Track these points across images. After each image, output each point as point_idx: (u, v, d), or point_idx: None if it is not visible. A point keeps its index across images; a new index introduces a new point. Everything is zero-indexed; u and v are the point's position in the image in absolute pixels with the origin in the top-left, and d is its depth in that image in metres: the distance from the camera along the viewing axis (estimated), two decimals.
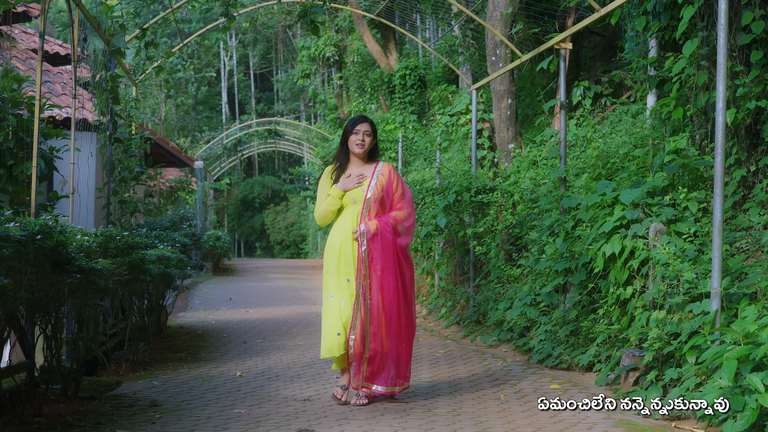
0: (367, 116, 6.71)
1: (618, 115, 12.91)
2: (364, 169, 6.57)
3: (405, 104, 21.55)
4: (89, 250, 5.63)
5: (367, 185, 6.49)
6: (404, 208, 6.59)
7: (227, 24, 6.56)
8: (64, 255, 5.11)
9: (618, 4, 7.64)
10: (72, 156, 7.32)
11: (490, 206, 11.23)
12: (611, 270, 6.91)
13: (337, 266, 6.40)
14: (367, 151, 6.56)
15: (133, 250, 6.60)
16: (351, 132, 6.52)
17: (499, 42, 12.15)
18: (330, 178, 6.58)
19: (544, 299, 8.61)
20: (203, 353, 9.47)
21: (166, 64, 25.15)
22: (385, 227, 6.42)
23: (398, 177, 6.63)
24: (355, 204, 6.48)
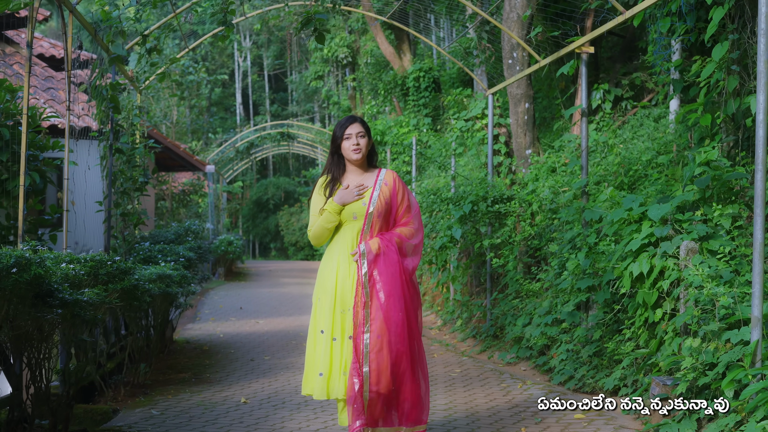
0: (356, 115, 5.70)
1: (639, 119, 12.45)
2: (365, 179, 5.62)
3: (419, 107, 21.11)
4: (75, 279, 5.16)
5: (368, 197, 5.53)
6: (410, 223, 5.65)
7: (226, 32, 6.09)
8: (46, 287, 4.69)
9: (644, 6, 7.17)
10: (66, 171, 6.92)
11: (507, 216, 10.79)
12: (639, 290, 6.46)
13: (333, 295, 5.41)
14: (365, 155, 5.61)
15: (125, 275, 6.11)
16: (342, 137, 5.56)
17: (515, 44, 11.71)
18: (323, 193, 5.58)
19: (565, 318, 8.16)
20: (208, 373, 9.06)
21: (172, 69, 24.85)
22: (389, 246, 5.46)
23: (404, 187, 5.70)
24: (355, 220, 5.53)
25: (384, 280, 5.40)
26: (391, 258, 5.44)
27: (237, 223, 44.02)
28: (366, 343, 5.32)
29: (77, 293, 5.01)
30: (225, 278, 25.45)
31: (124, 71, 9.84)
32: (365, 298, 5.39)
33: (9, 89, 7.57)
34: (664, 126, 11.36)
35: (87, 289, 5.13)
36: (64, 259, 5.55)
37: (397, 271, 5.44)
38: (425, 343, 11.25)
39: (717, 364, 5.44)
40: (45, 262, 4.50)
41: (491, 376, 8.62)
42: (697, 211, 6.52)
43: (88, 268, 5.63)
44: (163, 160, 23.58)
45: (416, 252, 5.67)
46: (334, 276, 5.46)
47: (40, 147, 7.90)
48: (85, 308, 4.94)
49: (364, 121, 5.63)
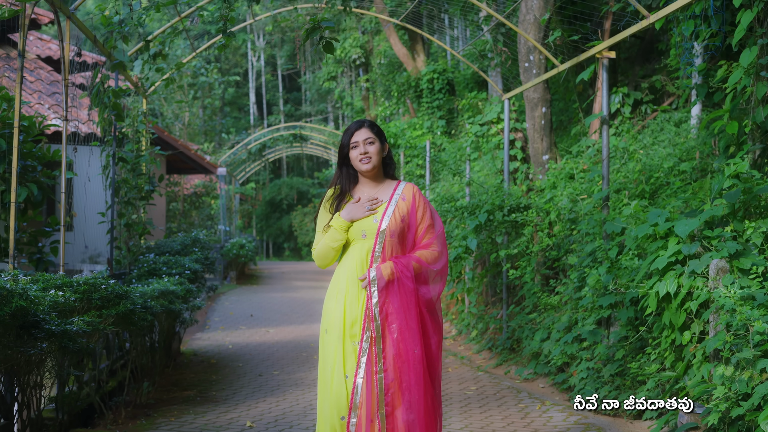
0: (365, 119, 5.03)
1: (659, 123, 12.09)
2: (379, 192, 4.87)
3: (433, 109, 20.78)
4: (66, 306, 4.80)
5: (381, 213, 4.76)
6: (432, 245, 4.82)
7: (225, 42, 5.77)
8: (32, 317, 4.35)
9: (669, 11, 6.81)
10: (63, 182, 6.60)
11: (524, 226, 10.44)
12: (665, 311, 6.10)
13: (342, 325, 4.69)
14: (378, 165, 4.85)
15: (121, 299, 5.76)
16: (349, 146, 4.84)
17: (532, 47, 11.37)
18: (329, 208, 4.88)
19: (587, 337, 7.81)
20: (214, 390, 8.74)
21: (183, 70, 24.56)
22: (404, 272, 4.68)
23: (425, 203, 4.88)
24: (364, 239, 4.76)
25: (397, 311, 4.64)
26: (405, 286, 4.67)
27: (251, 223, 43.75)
28: (381, 386, 4.57)
29: (66, 322, 4.67)
30: (237, 282, 25.16)
31: (128, 77, 9.55)
32: (375, 332, 4.63)
33: (6, 98, 7.29)
34: (686, 131, 11.01)
35: (77, 318, 4.78)
36: (56, 282, 5.23)
37: (413, 302, 4.68)
38: None
39: (752, 395, 5.09)
40: (28, 293, 4.16)
41: (508, 395, 8.28)
42: (727, 226, 6.15)
43: (80, 293, 5.29)
44: (175, 163, 23.35)
45: (438, 279, 4.85)
46: (342, 304, 4.72)
47: (39, 157, 7.61)
48: (74, 339, 4.59)
49: (374, 124, 4.90)
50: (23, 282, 4.19)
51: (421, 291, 4.75)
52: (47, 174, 7.57)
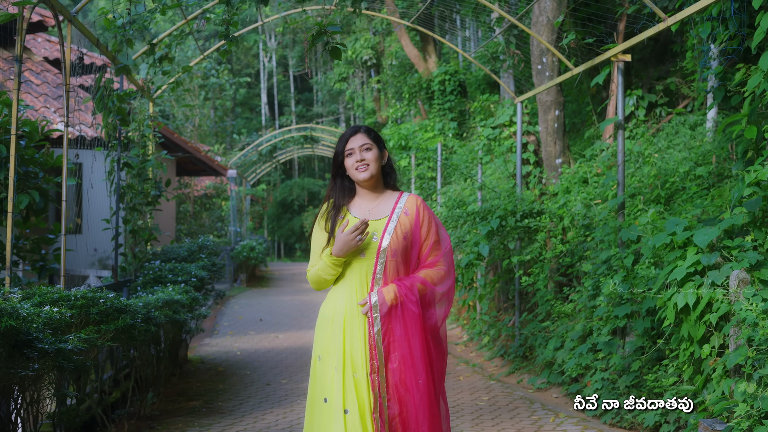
0: (360, 125, 4.49)
1: (674, 126, 11.87)
2: (379, 205, 4.43)
3: (444, 111, 20.58)
4: (61, 322, 4.61)
5: (381, 230, 4.31)
6: (439, 263, 4.38)
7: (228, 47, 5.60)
8: (24, 336, 4.16)
9: (688, 14, 6.60)
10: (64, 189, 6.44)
11: (537, 232, 10.24)
12: (684, 323, 5.90)
13: (342, 355, 4.22)
14: (377, 174, 4.40)
15: (120, 314, 5.57)
16: (343, 154, 4.39)
17: (545, 49, 11.17)
18: (324, 225, 4.41)
19: (602, 348, 7.61)
20: (221, 401, 8.57)
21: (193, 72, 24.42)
22: (409, 296, 4.23)
23: (430, 217, 4.43)
24: (363, 258, 4.31)
25: (401, 339, 4.21)
26: (410, 312, 4.22)
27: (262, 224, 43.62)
28: (385, 417, 4.19)
29: (61, 340, 4.48)
30: (247, 284, 25.00)
31: (133, 80, 9.39)
32: (378, 361, 4.20)
33: (6, 102, 7.13)
34: (701, 134, 10.80)
35: (72, 335, 4.59)
36: (52, 296, 5.05)
37: (418, 328, 4.23)
38: (450, 363, 10.74)
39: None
40: (20, 311, 3.98)
41: (521, 406, 8.09)
42: (747, 236, 5.95)
43: (78, 308, 5.11)
44: (185, 165, 23.27)
45: (444, 302, 4.41)
46: (341, 331, 4.26)
47: (41, 164, 7.46)
48: (68, 358, 4.40)
49: (371, 129, 4.45)
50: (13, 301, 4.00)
51: (427, 315, 4.32)
52: (49, 180, 7.40)
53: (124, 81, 9.04)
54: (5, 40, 13.31)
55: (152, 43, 8.38)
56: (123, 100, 8.20)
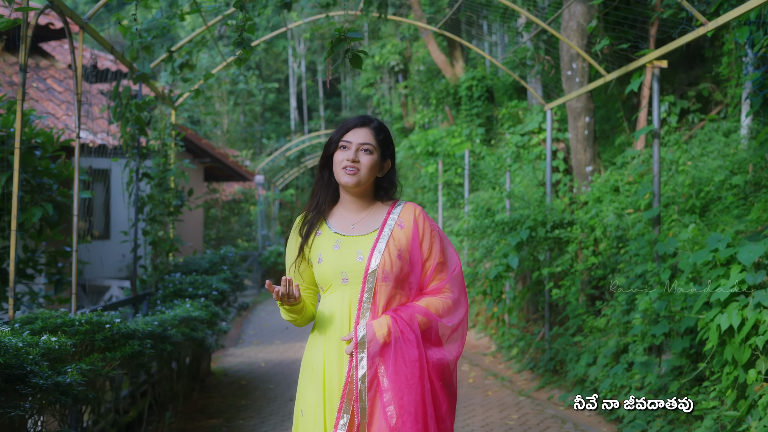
0: (371, 116, 3.56)
1: (707, 133, 11.53)
2: (366, 217, 3.55)
3: (471, 117, 20.28)
4: (61, 352, 4.32)
5: (370, 247, 3.43)
6: (445, 289, 3.48)
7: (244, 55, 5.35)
8: (16, 371, 3.85)
9: (731, 17, 6.26)
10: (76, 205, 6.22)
11: (568, 243, 9.93)
12: (727, 345, 5.58)
13: (323, 411, 3.37)
14: (367, 184, 3.52)
15: (128, 340, 5.28)
16: (337, 144, 3.51)
17: (575, 55, 10.87)
18: (299, 234, 3.57)
19: (638, 370, 7.29)
20: (242, 418, 8.31)
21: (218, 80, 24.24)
22: (406, 331, 3.31)
23: (433, 229, 3.53)
24: (345, 284, 3.43)
25: (396, 387, 3.26)
26: (407, 353, 3.29)
27: None
28: None
29: (60, 371, 4.18)
30: None
31: (154, 88, 9.18)
32: (360, 417, 3.29)
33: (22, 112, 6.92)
34: (736, 142, 10.46)
35: (72, 366, 4.29)
36: (55, 321, 4.78)
37: (417, 374, 3.28)
38: (478, 375, 10.46)
39: None
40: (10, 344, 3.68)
41: (553, 426, 7.78)
42: None
43: (81, 335, 4.83)
44: (212, 170, 23.18)
45: (457, 337, 3.48)
46: (320, 381, 3.39)
47: (56, 175, 7.25)
48: (67, 392, 4.12)
49: (384, 128, 3.56)
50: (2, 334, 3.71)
51: (432, 356, 3.38)
52: (65, 193, 7.20)
53: (143, 88, 8.82)
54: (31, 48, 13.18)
55: (171, 51, 8.16)
56: (141, 109, 7.98)
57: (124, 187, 8.50)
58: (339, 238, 3.48)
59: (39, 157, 7.14)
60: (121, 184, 8.94)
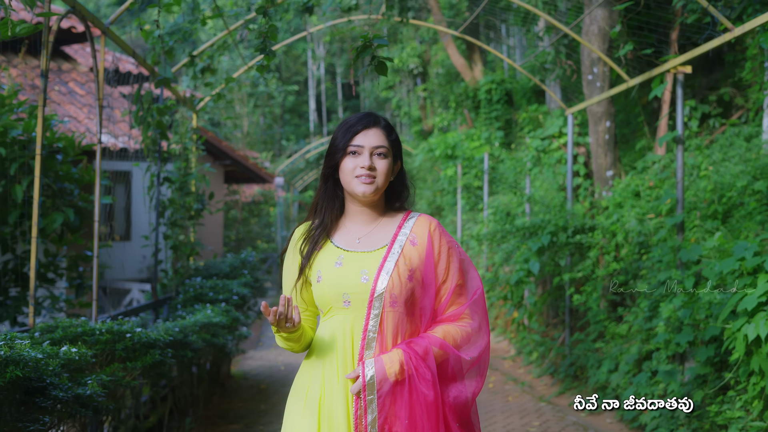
0: (380, 115, 3.16)
1: (728, 138, 11.44)
2: (374, 230, 3.12)
3: (491, 120, 20.23)
4: (81, 363, 4.29)
5: (377, 267, 3.00)
6: (463, 316, 3.05)
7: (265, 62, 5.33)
8: (35, 383, 3.83)
9: (760, 23, 6.20)
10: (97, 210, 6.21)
11: (589, 248, 9.87)
12: (754, 355, 5.53)
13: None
14: (382, 190, 3.10)
15: (149, 349, 5.24)
16: (345, 150, 3.07)
17: (596, 59, 10.81)
18: (299, 251, 3.14)
19: (662, 378, 7.23)
20: (262, 423, 8.28)
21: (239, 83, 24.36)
22: (421, 368, 2.90)
23: (450, 247, 3.11)
24: (347, 308, 3.00)
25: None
26: (423, 394, 2.88)
27: None
28: None
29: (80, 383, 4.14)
30: None
31: (175, 92, 9.19)
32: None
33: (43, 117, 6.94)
34: (757, 147, 10.38)
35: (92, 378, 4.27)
36: (76, 330, 4.76)
37: (433, 417, 2.88)
38: (498, 380, 10.42)
39: None
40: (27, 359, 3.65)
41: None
42: None
43: (101, 345, 4.80)
44: (233, 173, 23.24)
45: (476, 372, 3.04)
46: (315, 416, 2.97)
47: (78, 180, 7.26)
48: (86, 405, 4.09)
49: (390, 126, 3.15)
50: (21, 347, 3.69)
51: (450, 393, 2.98)
52: (86, 198, 7.21)
53: (164, 92, 8.83)
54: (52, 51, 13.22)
55: (192, 55, 8.16)
56: (163, 113, 7.99)
57: (145, 191, 8.51)
58: (342, 253, 3.06)
59: (60, 162, 7.16)
60: (142, 187, 8.96)
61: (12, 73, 9.92)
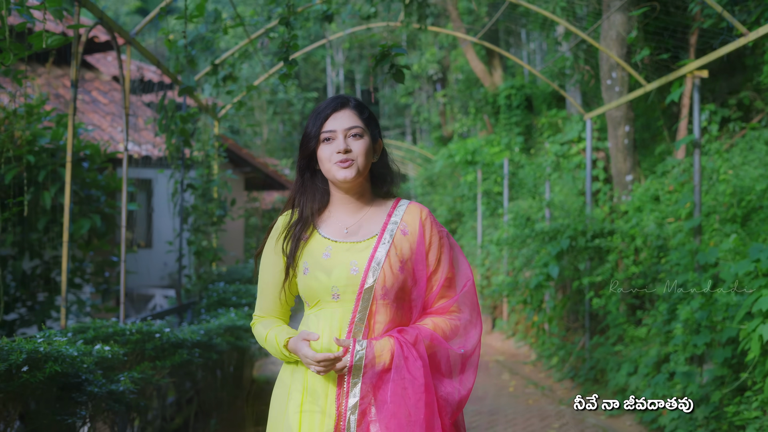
0: (350, 96, 3.00)
1: (748, 141, 11.47)
2: (362, 220, 2.97)
3: (510, 125, 20.30)
4: (114, 361, 4.45)
5: (367, 256, 2.86)
6: (452, 309, 2.90)
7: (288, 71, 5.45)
8: (72, 379, 4.01)
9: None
10: (123, 216, 6.35)
11: (608, 253, 9.93)
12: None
13: None
14: (365, 174, 2.95)
15: (177, 349, 5.39)
16: (318, 137, 2.92)
17: (614, 64, 10.88)
18: (282, 246, 2.95)
19: (680, 379, 7.30)
20: None
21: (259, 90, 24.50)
22: (411, 356, 2.75)
23: (441, 236, 2.95)
24: (336, 301, 2.84)
25: (393, 425, 2.69)
26: (412, 381, 2.72)
27: None
28: None
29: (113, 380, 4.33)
30: None
31: (198, 100, 9.33)
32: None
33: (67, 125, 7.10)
34: None
35: (124, 375, 4.45)
36: (107, 330, 4.92)
37: (422, 409, 2.71)
38: (519, 384, 10.49)
39: None
40: (66, 353, 3.83)
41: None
42: None
43: (132, 344, 4.96)
44: (252, 180, 23.39)
45: (466, 366, 2.88)
46: (296, 415, 2.82)
47: (103, 187, 7.41)
48: (120, 400, 4.25)
49: (363, 105, 2.99)
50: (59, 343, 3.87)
51: (442, 390, 2.81)
52: (112, 204, 7.35)
53: (187, 100, 8.97)
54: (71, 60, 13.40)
55: (215, 64, 8.30)
56: (186, 121, 8.13)
57: (169, 198, 8.65)
58: (330, 244, 2.91)
59: (86, 169, 7.31)
60: (165, 194, 9.11)
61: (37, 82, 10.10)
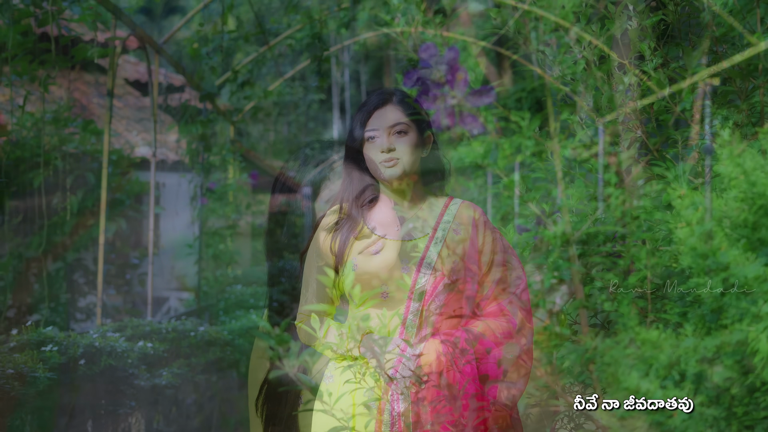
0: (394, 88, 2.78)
1: (761, 146, 11.59)
2: (414, 217, 2.81)
3: (521, 128, 20.40)
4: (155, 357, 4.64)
5: (418, 258, 2.70)
6: (507, 311, 2.78)
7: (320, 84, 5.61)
8: (121, 373, 4.22)
9: None
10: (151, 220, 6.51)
11: (620, 257, 10.05)
12: None
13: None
14: (414, 170, 2.78)
15: (210, 346, 5.59)
16: (362, 136, 2.76)
17: (626, 70, 11.00)
18: (330, 246, 2.79)
19: (691, 381, 7.41)
20: None
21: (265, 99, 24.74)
22: (458, 360, 2.64)
23: (495, 237, 2.85)
24: (385, 300, 2.67)
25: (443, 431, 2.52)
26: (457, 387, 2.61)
27: None
28: None
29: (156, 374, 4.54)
30: None
31: (216, 107, 9.50)
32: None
33: (94, 131, 7.25)
34: None
35: (165, 370, 4.66)
36: (144, 329, 5.10)
37: (471, 414, 2.63)
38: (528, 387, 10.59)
39: None
40: (117, 349, 4.04)
41: None
42: None
43: (168, 342, 5.15)
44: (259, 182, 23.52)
45: (521, 370, 2.89)
46: (349, 407, 2.66)
47: (128, 191, 7.58)
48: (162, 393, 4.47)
49: (407, 96, 2.74)
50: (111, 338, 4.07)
51: (492, 395, 2.71)
52: (136, 208, 7.52)
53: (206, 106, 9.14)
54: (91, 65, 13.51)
55: (235, 70, 8.46)
56: (206, 126, 8.29)
57: (188, 201, 8.80)
58: (380, 241, 2.74)
59: (111, 174, 7.46)
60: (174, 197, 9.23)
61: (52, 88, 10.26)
